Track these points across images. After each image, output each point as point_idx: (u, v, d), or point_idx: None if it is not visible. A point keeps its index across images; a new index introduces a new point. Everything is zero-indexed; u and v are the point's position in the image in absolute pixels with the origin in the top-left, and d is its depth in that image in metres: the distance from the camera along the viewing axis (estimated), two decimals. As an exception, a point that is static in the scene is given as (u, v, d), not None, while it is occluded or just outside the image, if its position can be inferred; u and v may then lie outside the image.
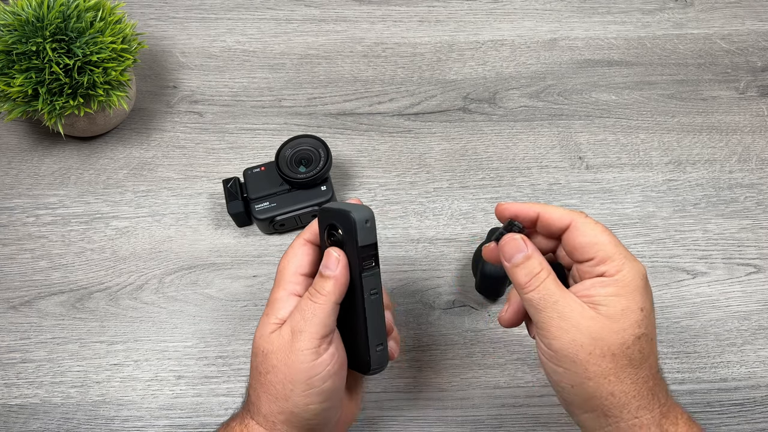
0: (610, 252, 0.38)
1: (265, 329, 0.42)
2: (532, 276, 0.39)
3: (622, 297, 0.37)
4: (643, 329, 0.37)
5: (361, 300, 0.42)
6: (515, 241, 0.40)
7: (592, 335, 0.37)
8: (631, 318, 0.37)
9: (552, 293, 0.38)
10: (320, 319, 0.40)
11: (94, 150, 0.66)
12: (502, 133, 0.67)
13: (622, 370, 0.37)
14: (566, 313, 0.37)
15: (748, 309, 0.58)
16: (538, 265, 0.39)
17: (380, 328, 0.43)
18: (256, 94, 0.70)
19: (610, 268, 0.38)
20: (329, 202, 0.60)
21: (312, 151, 0.60)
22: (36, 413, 0.54)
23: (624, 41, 0.73)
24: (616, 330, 0.37)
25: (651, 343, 0.38)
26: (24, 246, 0.61)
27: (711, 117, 0.68)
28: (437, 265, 0.60)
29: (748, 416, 0.54)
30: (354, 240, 0.40)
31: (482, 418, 0.54)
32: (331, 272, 0.41)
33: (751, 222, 0.62)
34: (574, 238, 0.39)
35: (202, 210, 0.63)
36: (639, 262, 0.39)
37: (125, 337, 0.57)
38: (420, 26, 0.74)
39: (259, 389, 0.41)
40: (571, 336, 0.37)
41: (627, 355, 0.37)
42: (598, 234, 0.39)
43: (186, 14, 0.75)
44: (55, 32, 0.57)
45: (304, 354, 0.39)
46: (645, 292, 0.38)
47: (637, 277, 0.38)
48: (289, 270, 0.43)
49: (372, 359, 0.43)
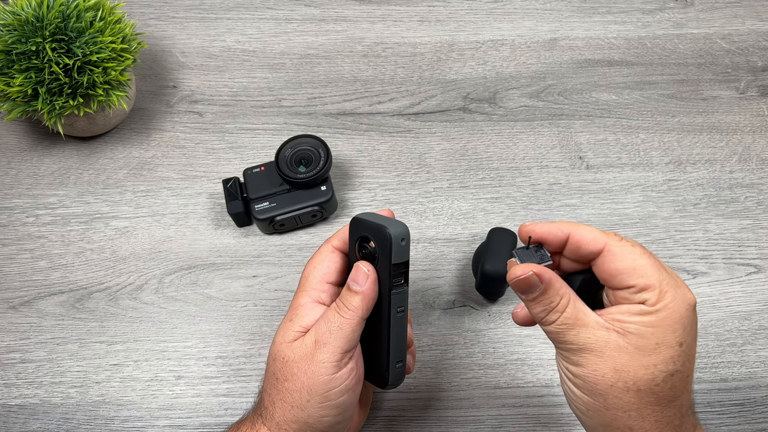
0: (651, 279, 0.34)
1: (288, 335, 0.41)
2: (549, 311, 0.36)
3: (658, 329, 0.33)
4: (678, 366, 0.34)
5: (387, 317, 0.41)
6: (528, 278, 0.36)
7: (616, 367, 0.34)
8: (666, 353, 0.33)
9: (572, 324, 0.35)
10: (345, 333, 0.39)
11: (94, 150, 0.66)
12: (503, 133, 0.67)
13: (647, 407, 0.34)
14: (589, 343, 0.34)
15: (748, 309, 0.58)
16: (556, 297, 0.36)
17: (402, 346, 0.43)
18: (256, 94, 0.70)
19: (651, 297, 0.34)
20: (329, 201, 0.59)
21: (312, 151, 0.60)
22: (36, 413, 0.54)
23: (624, 41, 0.73)
24: (646, 364, 0.33)
25: (685, 381, 0.34)
26: (23, 246, 0.61)
27: (711, 117, 0.68)
28: (437, 265, 0.60)
29: (748, 416, 0.54)
30: (387, 257, 0.39)
31: (482, 418, 0.54)
32: (359, 288, 0.40)
33: (751, 222, 0.62)
34: (609, 263, 0.35)
35: (201, 210, 0.63)
36: (687, 289, 0.35)
37: (125, 338, 0.57)
38: (420, 26, 0.74)
39: (275, 395, 0.41)
40: (593, 366, 0.34)
41: (654, 393, 0.34)
42: (637, 258, 0.34)
43: (186, 14, 0.75)
44: (55, 32, 0.57)
45: (326, 366, 0.39)
46: (689, 324, 0.34)
47: (682, 306, 0.34)
48: (315, 276, 0.42)
49: (391, 376, 0.43)
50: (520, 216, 0.63)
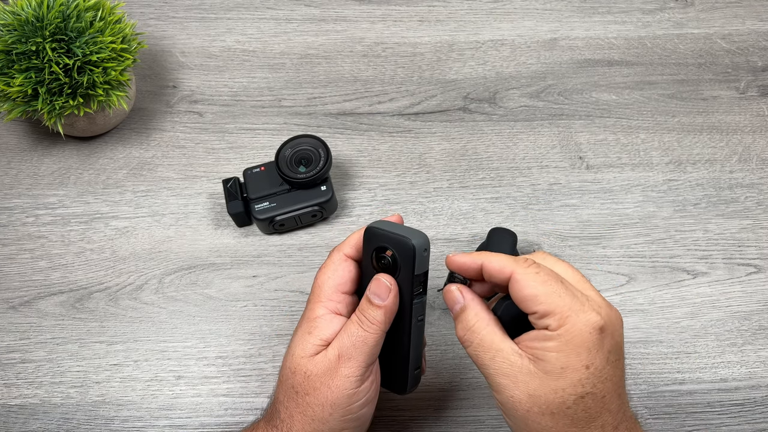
0: (551, 305, 0.35)
1: (308, 349, 0.40)
2: (466, 330, 0.38)
3: (562, 353, 0.34)
4: (588, 388, 0.34)
5: (408, 326, 0.41)
6: (451, 292, 0.40)
7: (529, 392, 0.35)
8: (572, 377, 0.34)
9: (488, 348, 0.37)
10: (369, 347, 0.39)
11: (94, 150, 0.66)
12: (503, 133, 0.67)
13: (564, 428, 0.35)
14: (503, 368, 0.36)
15: (748, 309, 0.58)
16: (473, 317, 0.38)
17: (420, 353, 0.43)
18: (256, 93, 0.70)
19: (552, 322, 0.35)
20: (329, 201, 0.59)
21: (312, 151, 0.60)
22: (35, 413, 0.54)
23: (624, 41, 0.73)
24: (554, 389, 0.34)
25: (601, 401, 0.35)
26: (23, 246, 0.61)
27: (711, 117, 0.68)
28: (437, 265, 0.60)
29: (748, 416, 0.54)
30: (411, 268, 0.39)
31: (482, 418, 0.54)
32: (382, 302, 0.39)
33: (751, 222, 0.62)
34: (515, 291, 0.36)
35: (201, 210, 0.63)
36: (594, 313, 0.35)
37: (125, 338, 0.57)
38: (420, 26, 0.74)
39: (293, 409, 0.40)
40: (509, 392, 0.36)
41: (568, 415, 0.35)
42: (538, 286, 0.35)
43: (186, 14, 0.75)
44: (55, 32, 0.57)
45: (350, 381, 0.39)
46: (596, 347, 0.34)
47: (585, 330, 0.34)
48: (329, 286, 0.42)
49: (409, 382, 0.43)
50: (520, 216, 0.63)
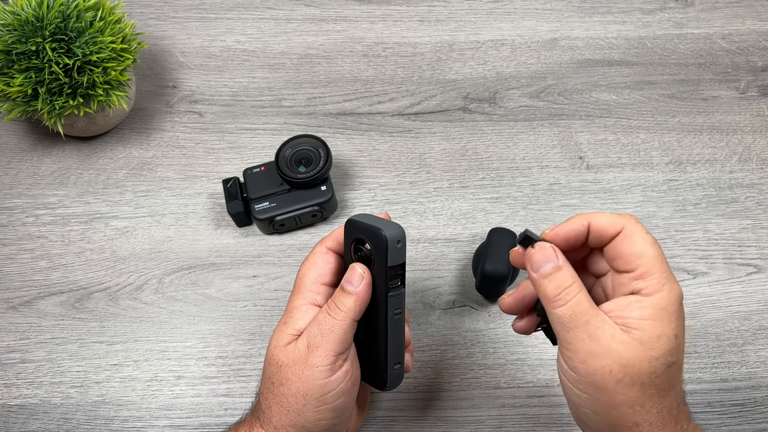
0: (653, 268, 0.35)
1: (281, 339, 0.41)
2: (562, 289, 0.35)
3: (657, 322, 0.34)
4: (675, 357, 0.35)
5: (384, 319, 0.41)
6: (545, 249, 0.36)
7: (623, 362, 0.34)
8: (666, 346, 0.34)
9: (584, 311, 0.35)
10: (337, 335, 0.39)
11: (94, 150, 0.66)
12: (503, 133, 0.67)
13: (649, 399, 0.34)
14: (598, 335, 0.34)
15: (748, 309, 0.58)
16: (569, 277, 0.35)
17: (400, 348, 0.43)
18: (256, 93, 0.70)
19: (648, 286, 0.35)
20: (329, 201, 0.59)
21: (312, 151, 0.60)
22: (35, 413, 0.54)
23: (624, 41, 0.73)
24: (649, 358, 0.34)
25: (679, 371, 0.36)
26: (23, 246, 0.61)
27: (711, 117, 0.68)
28: (437, 265, 0.60)
29: (748, 416, 0.54)
30: (384, 259, 0.39)
31: (482, 418, 0.54)
32: (353, 288, 0.39)
33: (751, 222, 0.62)
34: (623, 246, 0.36)
35: (201, 210, 0.63)
36: (678, 284, 0.36)
37: (125, 338, 0.57)
38: (420, 26, 0.74)
39: (271, 399, 0.40)
40: (601, 362, 0.34)
41: (656, 384, 0.34)
42: (647, 246, 0.35)
43: (186, 14, 0.75)
44: (55, 32, 0.57)
45: (319, 370, 0.39)
46: (680, 317, 0.35)
47: (674, 300, 0.35)
48: (309, 278, 0.42)
49: (389, 378, 0.43)
50: (520, 216, 0.63)
